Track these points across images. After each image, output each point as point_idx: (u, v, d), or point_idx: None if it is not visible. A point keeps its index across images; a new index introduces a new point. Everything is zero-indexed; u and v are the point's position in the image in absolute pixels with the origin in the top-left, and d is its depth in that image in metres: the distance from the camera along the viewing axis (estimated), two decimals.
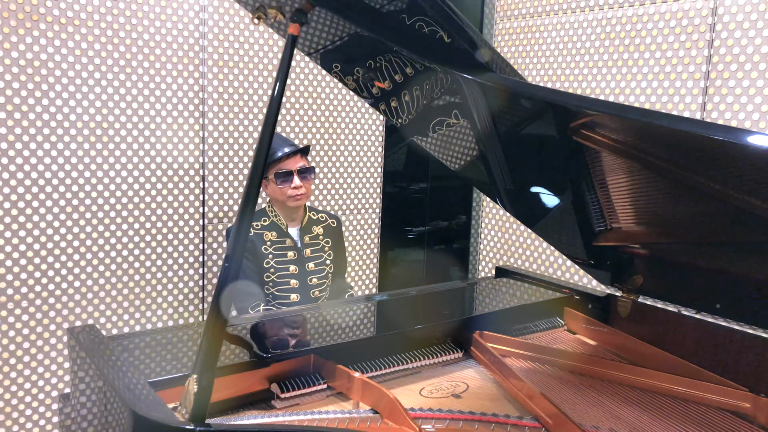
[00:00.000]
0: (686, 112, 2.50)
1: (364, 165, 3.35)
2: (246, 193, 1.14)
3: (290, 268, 2.38)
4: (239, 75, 2.84)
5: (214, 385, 1.43)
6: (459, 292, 2.21)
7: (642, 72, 2.63)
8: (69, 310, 2.52)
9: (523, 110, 1.56)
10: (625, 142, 1.45)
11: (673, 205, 1.56)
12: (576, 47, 2.88)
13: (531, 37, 3.07)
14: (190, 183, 2.76)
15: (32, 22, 2.33)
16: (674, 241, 1.74)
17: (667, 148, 1.36)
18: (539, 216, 2.00)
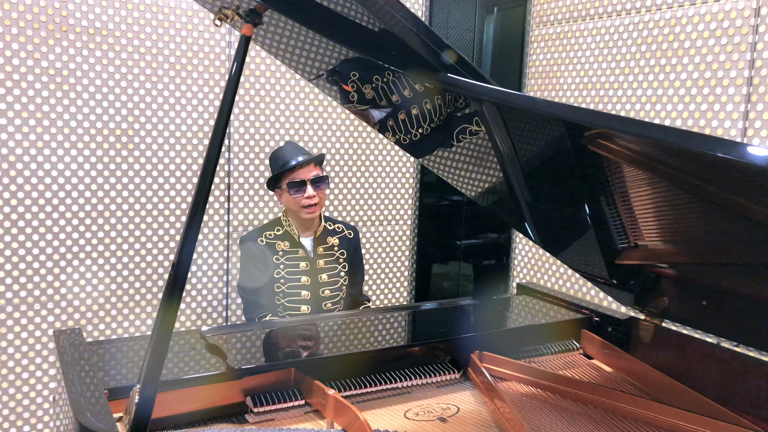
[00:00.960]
0: (727, 121, 2.30)
1: (394, 175, 3.28)
2: (194, 201, 1.10)
3: (302, 279, 2.34)
4: (266, 84, 2.84)
5: (187, 395, 1.42)
6: (470, 309, 2.10)
7: (680, 78, 2.44)
8: (92, 312, 2.58)
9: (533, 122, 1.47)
10: (645, 154, 1.33)
11: (704, 223, 1.42)
12: (612, 53, 2.72)
13: (566, 44, 2.93)
14: (215, 190, 2.78)
15: (62, 33, 2.41)
16: (704, 262, 1.59)
17: (694, 164, 1.23)
18: (561, 237, 1.88)
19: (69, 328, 1.58)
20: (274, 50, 1.39)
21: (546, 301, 2.15)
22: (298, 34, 1.21)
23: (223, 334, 1.69)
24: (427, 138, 1.73)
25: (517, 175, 1.67)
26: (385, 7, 1.04)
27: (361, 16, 1.13)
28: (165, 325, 1.12)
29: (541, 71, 3.10)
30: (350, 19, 1.14)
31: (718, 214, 1.32)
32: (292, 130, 2.94)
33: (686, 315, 1.78)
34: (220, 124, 1.09)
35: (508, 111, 1.40)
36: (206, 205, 1.11)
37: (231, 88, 1.10)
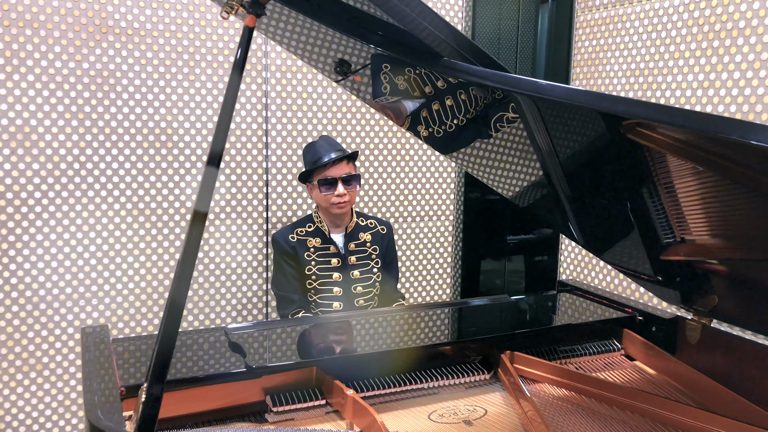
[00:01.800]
0: None
1: (435, 170, 3.22)
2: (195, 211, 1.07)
3: (333, 275, 2.31)
4: (302, 80, 2.83)
5: (205, 393, 1.41)
6: (506, 307, 2.02)
7: (735, 61, 2.28)
8: (137, 311, 2.63)
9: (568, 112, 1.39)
10: (690, 143, 1.23)
11: (757, 216, 1.31)
12: (660, 37, 2.57)
13: (613, 29, 2.79)
14: (254, 188, 2.79)
15: (101, 35, 2.46)
16: (757, 258, 1.47)
17: (744, 154, 1.13)
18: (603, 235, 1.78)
19: (97, 325, 1.60)
20: (285, 43, 1.36)
21: (587, 299, 2.05)
22: (303, 24, 1.17)
23: (248, 331, 1.67)
24: (463, 129, 1.66)
25: (555, 169, 1.59)
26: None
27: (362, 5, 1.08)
28: (170, 323, 1.10)
29: (587, 59, 2.97)
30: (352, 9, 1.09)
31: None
32: (329, 126, 2.91)
33: (737, 314, 1.65)
34: (225, 117, 1.07)
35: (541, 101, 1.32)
36: (210, 201, 1.08)
37: (235, 80, 1.08)
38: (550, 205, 1.80)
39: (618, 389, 1.51)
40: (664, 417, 1.43)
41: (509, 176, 1.72)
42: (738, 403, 1.46)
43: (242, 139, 2.75)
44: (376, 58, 1.47)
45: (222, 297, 2.79)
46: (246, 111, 2.74)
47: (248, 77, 2.72)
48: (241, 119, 2.73)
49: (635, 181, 1.49)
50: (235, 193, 2.76)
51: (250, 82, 2.73)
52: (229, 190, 2.74)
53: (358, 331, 1.76)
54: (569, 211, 1.73)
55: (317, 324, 1.80)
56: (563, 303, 2.05)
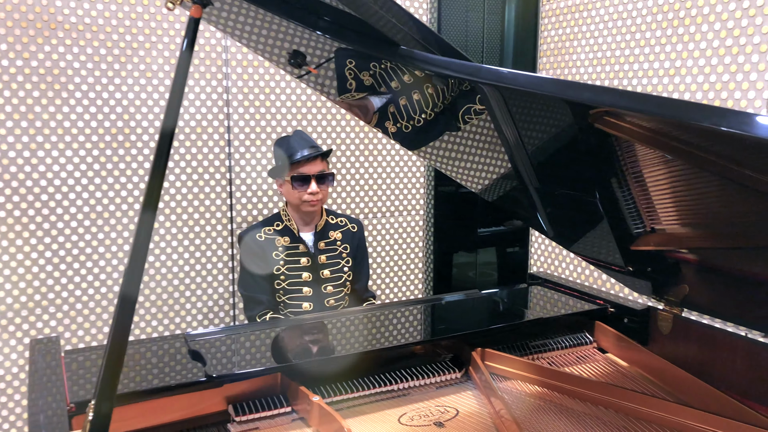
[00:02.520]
0: (752, 91, 2.13)
1: (404, 164, 3.17)
2: (145, 200, 1.00)
3: (303, 275, 2.25)
4: (264, 74, 2.75)
5: (164, 405, 1.34)
6: (477, 302, 1.98)
7: (699, 47, 2.27)
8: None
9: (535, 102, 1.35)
10: (658, 131, 1.20)
11: (727, 204, 1.29)
12: (626, 24, 2.55)
13: (578, 17, 2.76)
14: (216, 186, 2.71)
15: (50, 31, 2.35)
16: (728, 246, 1.45)
17: (713, 141, 1.10)
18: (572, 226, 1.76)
19: (47, 337, 1.52)
20: (237, 35, 1.29)
21: (558, 292, 2.02)
22: (255, 14, 1.10)
23: (210, 337, 1.60)
24: (431, 123, 1.62)
25: (523, 161, 1.56)
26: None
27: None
28: (119, 334, 1.03)
29: (553, 48, 2.94)
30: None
31: (741, 193, 1.19)
32: (294, 121, 2.84)
33: (708, 303, 1.64)
34: (171, 113, 1.00)
35: (507, 91, 1.28)
36: (158, 204, 1.01)
37: (181, 73, 1.01)
38: (518, 199, 1.77)
39: (591, 385, 1.48)
40: (637, 411, 1.40)
41: (477, 170, 1.68)
42: (710, 393, 1.44)
43: (203, 137, 2.66)
44: (340, 54, 1.41)
45: (187, 300, 2.71)
46: (207, 108, 2.65)
47: (208, 73, 2.64)
48: (201, 116, 2.65)
49: (604, 172, 1.46)
50: (198, 192, 2.67)
51: (210, 78, 2.64)
52: (191, 190, 2.66)
53: (325, 334, 1.71)
54: (538, 204, 1.70)
55: (282, 328, 1.74)
56: (534, 296, 2.02)
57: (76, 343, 2.50)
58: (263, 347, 1.61)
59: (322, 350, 1.59)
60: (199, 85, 2.62)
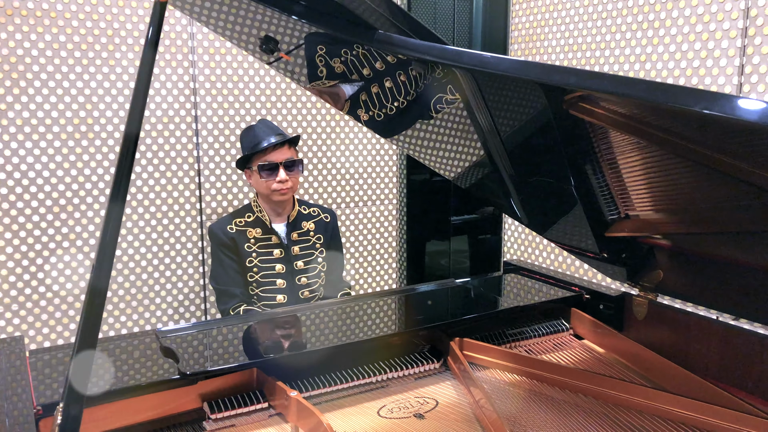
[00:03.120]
0: (722, 77, 2.15)
1: (376, 153, 3.14)
2: (113, 191, 0.96)
3: (276, 267, 2.21)
4: (232, 62, 2.68)
5: (136, 405, 1.30)
6: (453, 292, 1.97)
7: (670, 33, 2.28)
8: (62, 313, 2.45)
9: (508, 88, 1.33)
10: (631, 116, 1.19)
11: (699, 189, 1.30)
12: (597, 10, 2.55)
13: (549, 3, 2.76)
14: (185, 178, 2.64)
15: (6, 17, 2.25)
16: (701, 231, 1.46)
17: (685, 125, 1.10)
18: (547, 213, 1.75)
19: (11, 337, 1.46)
20: (205, 20, 1.24)
21: (534, 279, 2.02)
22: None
23: (182, 333, 1.56)
24: (404, 111, 1.59)
25: (497, 148, 1.54)
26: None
27: None
28: (88, 333, 0.99)
29: (524, 35, 2.93)
30: None
31: (714, 179, 1.20)
32: (264, 110, 2.79)
33: (682, 288, 1.65)
34: (138, 103, 0.95)
35: (481, 77, 1.26)
36: (126, 196, 0.97)
37: (147, 61, 0.96)
38: (493, 185, 1.76)
39: (569, 372, 1.48)
40: (614, 397, 1.40)
41: (452, 158, 1.66)
42: (685, 377, 1.45)
43: (170, 127, 2.59)
44: (309, 40, 1.37)
45: (156, 295, 2.64)
46: (173, 97, 2.58)
47: (174, 61, 2.56)
48: (168, 105, 2.57)
49: (578, 159, 1.45)
50: (165, 184, 2.61)
51: (176, 66, 2.57)
52: (158, 182, 2.59)
53: (301, 327, 1.68)
54: (512, 191, 1.69)
55: (256, 321, 1.70)
56: (510, 284, 2.02)
57: (42, 342, 2.42)
58: (237, 342, 1.57)
59: (298, 344, 1.56)
60: (165, 73, 2.55)
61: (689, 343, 1.59)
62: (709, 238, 1.44)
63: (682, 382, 1.45)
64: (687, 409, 1.33)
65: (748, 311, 1.51)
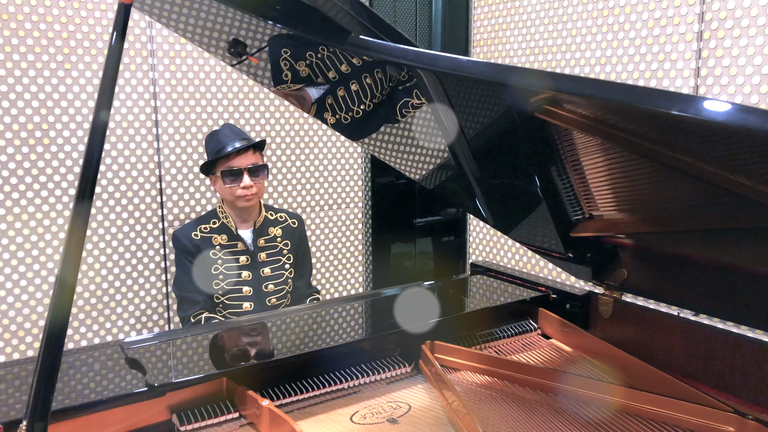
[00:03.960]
0: (679, 79, 2.21)
1: (341, 156, 3.12)
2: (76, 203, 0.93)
3: (242, 274, 2.18)
4: (194, 65, 2.64)
5: (103, 419, 1.26)
6: (421, 294, 1.97)
7: (629, 37, 2.33)
8: (17, 325, 2.37)
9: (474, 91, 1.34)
10: (595, 118, 1.21)
11: (659, 189, 1.33)
12: (558, 14, 2.60)
13: (511, 7, 2.80)
14: (146, 183, 2.58)
15: None
16: (662, 230, 1.49)
17: (646, 126, 1.12)
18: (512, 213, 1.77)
19: None
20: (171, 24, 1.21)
21: (501, 280, 2.04)
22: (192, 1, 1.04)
23: (148, 344, 1.52)
24: (370, 114, 1.59)
25: (463, 149, 1.55)
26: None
27: None
28: (52, 349, 0.95)
29: (486, 38, 2.96)
30: None
31: (675, 179, 1.23)
32: (226, 114, 2.74)
33: (645, 286, 1.69)
34: (102, 105, 0.92)
35: (447, 79, 1.26)
36: (92, 201, 0.94)
37: (112, 64, 0.93)
38: (458, 186, 1.77)
39: (538, 372, 1.50)
40: (584, 396, 1.42)
41: (418, 159, 1.67)
42: (651, 373, 1.48)
43: (130, 132, 2.53)
44: (274, 43, 1.35)
45: (117, 304, 2.58)
46: (132, 101, 2.52)
47: (133, 64, 2.50)
48: (127, 110, 2.51)
49: (543, 160, 1.47)
50: (125, 190, 2.54)
51: (135, 69, 2.51)
52: (118, 188, 2.52)
53: (269, 335, 1.65)
54: (478, 192, 1.71)
55: (225, 329, 1.67)
56: (478, 286, 2.03)
57: (5, 353, 2.34)
58: (206, 351, 1.54)
59: (267, 352, 1.54)
60: (124, 77, 2.49)
61: (653, 339, 1.63)
62: (670, 237, 1.47)
63: (647, 378, 1.48)
64: (653, 404, 1.36)
65: (707, 307, 1.55)
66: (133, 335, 2.58)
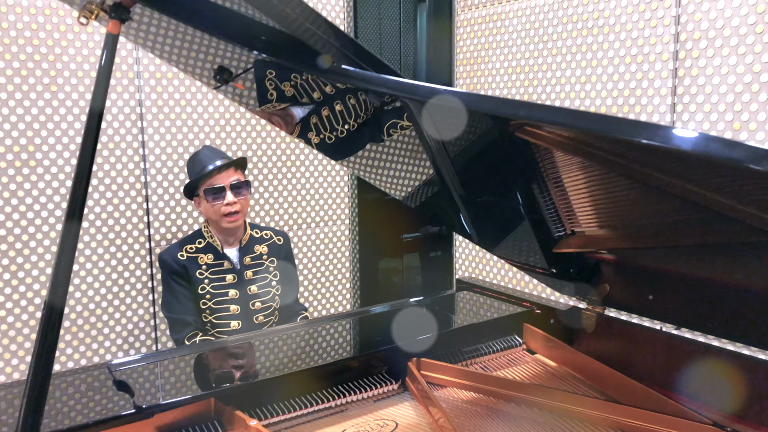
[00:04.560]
0: (656, 97, 2.26)
1: (328, 174, 3.15)
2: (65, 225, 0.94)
3: (229, 292, 2.19)
4: (179, 86, 2.66)
5: None
6: (408, 312, 1.99)
7: (608, 56, 2.39)
8: (4, 348, 2.36)
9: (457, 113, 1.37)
10: (574, 138, 1.25)
11: (638, 206, 1.36)
12: (538, 34, 2.65)
13: (493, 27, 2.85)
14: (132, 204, 2.59)
15: None
16: (642, 246, 1.52)
17: (623, 148, 1.16)
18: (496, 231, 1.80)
19: None
20: (157, 50, 1.24)
21: (486, 296, 2.06)
22: (176, 30, 1.06)
23: (136, 365, 1.53)
24: (354, 135, 1.61)
25: (447, 169, 1.58)
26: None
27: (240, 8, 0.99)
28: (42, 369, 0.96)
29: (469, 57, 3.01)
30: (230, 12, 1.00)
31: (654, 195, 1.26)
32: (212, 134, 2.76)
33: (627, 301, 1.72)
34: (91, 132, 0.94)
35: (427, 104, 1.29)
36: (80, 225, 0.95)
37: (100, 92, 0.95)
38: (443, 205, 1.79)
39: (524, 387, 1.52)
40: (569, 411, 1.45)
41: (402, 178, 1.69)
42: (633, 388, 1.51)
43: (116, 153, 2.54)
44: (259, 64, 1.38)
45: (104, 325, 2.57)
46: (119, 122, 2.53)
47: (119, 86, 2.52)
48: (113, 131, 2.52)
49: (525, 178, 1.50)
50: (112, 211, 2.55)
51: (121, 91, 2.53)
52: (105, 209, 2.53)
53: (257, 354, 1.66)
54: (462, 209, 1.73)
55: (211, 349, 1.68)
56: (464, 302, 2.05)
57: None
58: (193, 372, 1.55)
59: (255, 371, 1.55)
60: (110, 98, 2.50)
61: (636, 353, 1.66)
62: (650, 253, 1.51)
63: (630, 392, 1.51)
64: (636, 418, 1.38)
65: (688, 321, 1.58)
66: (121, 356, 2.57)
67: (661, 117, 2.25)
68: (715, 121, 2.10)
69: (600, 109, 2.45)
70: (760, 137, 2.01)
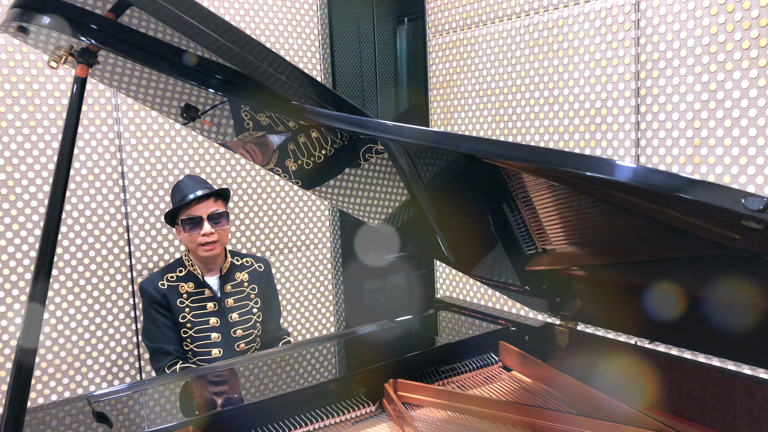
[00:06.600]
0: (621, 116, 2.33)
1: (308, 198, 3.19)
2: (38, 262, 0.97)
3: (210, 321, 2.21)
4: (158, 117, 2.70)
5: None
6: (387, 333, 2.02)
7: (573, 77, 2.46)
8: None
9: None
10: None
11: (604, 223, 1.40)
12: (507, 57, 2.72)
13: (463, 51, 2.92)
14: (113, 234, 2.61)
15: None
16: (610, 262, 1.57)
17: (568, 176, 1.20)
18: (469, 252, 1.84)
19: None
20: (125, 90, 1.28)
21: (463, 315, 2.10)
22: (141, 73, 1.10)
23: (116, 396, 1.54)
24: (332, 159, 1.65)
25: (420, 194, 1.62)
26: (220, 39, 0.95)
27: (209, 55, 1.04)
28: (16, 404, 0.98)
29: (442, 81, 3.08)
30: (198, 58, 1.05)
31: (612, 213, 1.30)
32: (192, 163, 2.80)
33: (599, 316, 1.76)
34: (61, 172, 0.97)
35: None
36: (51, 267, 0.98)
37: (69, 134, 0.99)
38: (417, 230, 1.83)
39: (499, 405, 1.55)
40: (545, 427, 1.48)
41: (376, 205, 1.73)
42: (607, 402, 1.54)
43: (96, 185, 2.57)
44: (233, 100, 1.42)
45: (87, 356, 2.57)
46: (98, 154, 2.56)
47: (98, 119, 2.56)
48: (93, 163, 2.55)
49: (496, 198, 1.54)
50: (93, 242, 2.57)
51: (100, 123, 2.56)
52: (86, 240, 2.55)
53: (236, 381, 1.68)
54: (438, 233, 1.77)
55: (192, 377, 1.70)
56: (441, 322, 2.09)
57: None
58: (174, 400, 1.56)
59: (234, 398, 1.57)
60: (89, 131, 2.53)
61: (609, 367, 1.69)
62: (619, 268, 1.55)
63: (605, 407, 1.54)
64: (592, 429, 1.41)
65: (658, 334, 1.62)
66: (104, 386, 2.58)
67: (626, 135, 2.32)
68: (676, 137, 2.17)
69: (568, 128, 2.51)
70: (719, 152, 2.08)
